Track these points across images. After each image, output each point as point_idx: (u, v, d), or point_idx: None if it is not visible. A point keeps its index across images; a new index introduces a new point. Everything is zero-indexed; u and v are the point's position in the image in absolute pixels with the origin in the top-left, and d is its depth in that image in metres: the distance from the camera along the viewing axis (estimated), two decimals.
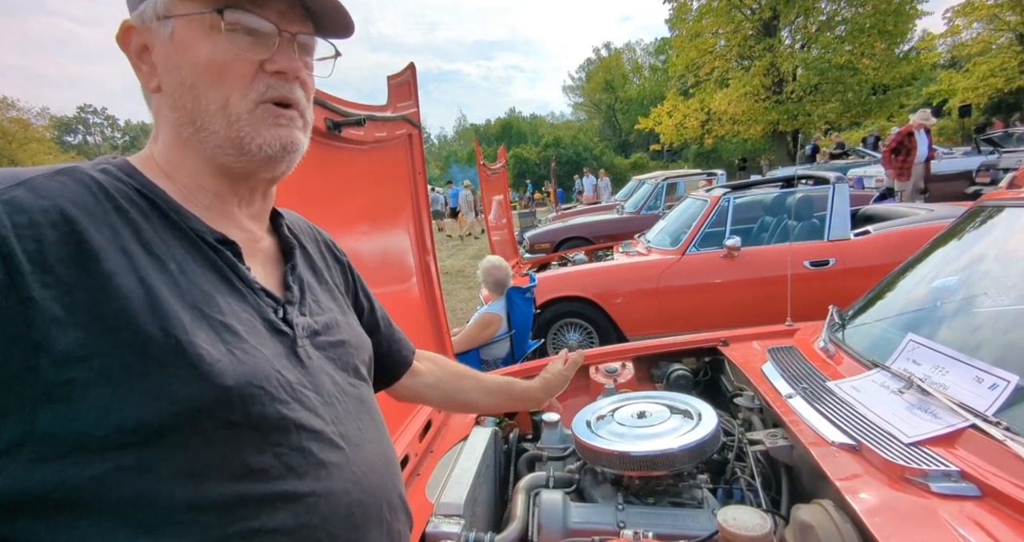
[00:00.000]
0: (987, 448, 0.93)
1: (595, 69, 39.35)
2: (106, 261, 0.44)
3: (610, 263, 4.45)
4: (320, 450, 0.53)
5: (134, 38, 0.56)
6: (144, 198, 0.51)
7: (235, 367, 0.48)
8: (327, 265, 0.74)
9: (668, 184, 8.00)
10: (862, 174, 9.47)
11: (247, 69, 0.54)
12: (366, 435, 0.61)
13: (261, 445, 0.49)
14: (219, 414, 0.46)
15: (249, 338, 0.51)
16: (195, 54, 0.53)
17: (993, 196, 1.52)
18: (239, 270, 0.55)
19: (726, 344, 1.93)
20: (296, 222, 0.73)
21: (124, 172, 0.52)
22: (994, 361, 1.07)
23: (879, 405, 1.17)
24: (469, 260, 9.96)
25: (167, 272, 0.48)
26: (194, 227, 0.53)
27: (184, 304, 0.48)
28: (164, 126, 0.57)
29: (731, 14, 18.85)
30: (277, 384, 0.51)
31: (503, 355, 3.07)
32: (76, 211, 0.44)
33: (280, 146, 0.56)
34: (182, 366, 0.45)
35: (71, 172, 0.48)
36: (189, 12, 0.53)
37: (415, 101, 1.84)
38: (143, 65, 0.56)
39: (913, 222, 3.70)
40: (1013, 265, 1.30)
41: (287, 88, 0.56)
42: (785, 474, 1.29)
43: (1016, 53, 17.73)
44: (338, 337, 0.64)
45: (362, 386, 0.66)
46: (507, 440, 1.75)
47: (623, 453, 1.26)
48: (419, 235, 1.92)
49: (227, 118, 0.54)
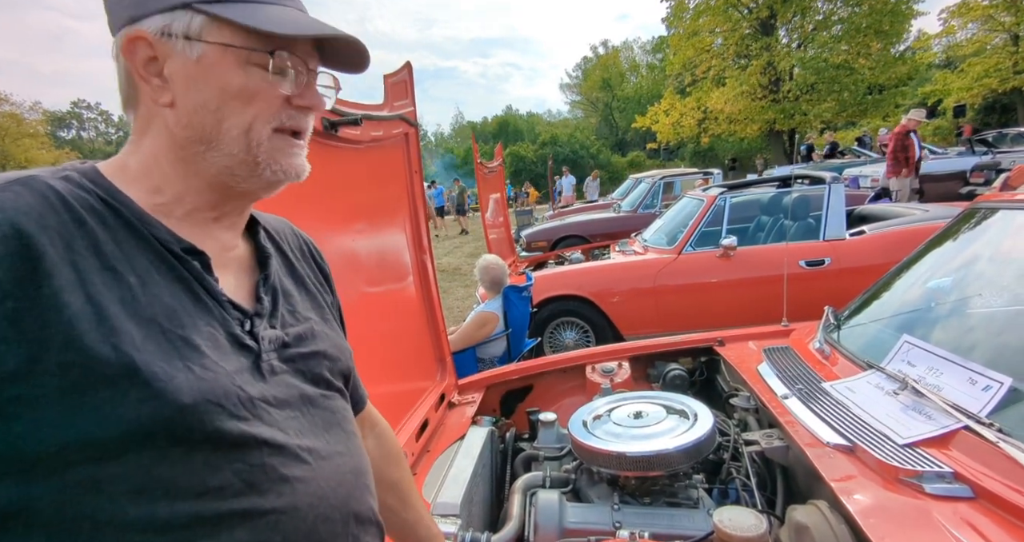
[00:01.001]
0: (980, 449, 0.94)
1: (592, 67, 39.32)
2: (57, 277, 0.43)
3: (607, 262, 4.46)
4: (283, 465, 0.52)
5: (141, 49, 0.54)
6: (107, 207, 0.50)
7: (192, 384, 0.47)
8: (310, 272, 0.73)
9: (665, 183, 8.02)
10: (858, 174, 9.51)
11: (275, 100, 0.56)
12: (335, 447, 0.60)
13: (218, 462, 0.48)
14: (175, 432, 0.45)
15: (210, 353, 0.50)
16: (226, 81, 0.54)
17: (987, 198, 1.53)
18: (206, 282, 0.54)
19: (722, 344, 1.93)
20: (278, 228, 0.72)
21: (88, 179, 0.51)
22: (988, 363, 1.08)
23: (874, 406, 1.18)
24: (466, 258, 9.96)
25: (124, 286, 0.47)
26: (159, 237, 0.52)
27: (140, 319, 0.47)
28: (160, 136, 0.55)
29: (728, 13, 18.86)
30: (237, 400, 0.50)
31: (499, 354, 3.08)
32: (28, 224, 0.43)
33: (295, 173, 0.59)
34: (134, 384, 0.44)
35: (27, 182, 0.46)
36: (233, 44, 0.54)
37: (411, 100, 1.84)
38: (150, 78, 0.55)
39: (908, 222, 3.72)
40: (1007, 267, 1.31)
41: (304, 120, 0.59)
42: (780, 474, 1.29)
43: (1010, 54, 17.84)
44: (311, 348, 0.63)
45: (335, 397, 0.65)
46: (504, 440, 1.75)
47: (619, 453, 1.26)
48: (415, 234, 1.92)
49: (247, 143, 0.55)
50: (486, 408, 1.95)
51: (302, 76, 0.58)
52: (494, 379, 2.02)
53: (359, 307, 1.44)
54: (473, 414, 1.76)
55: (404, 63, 1.85)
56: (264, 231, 0.68)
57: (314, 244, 0.78)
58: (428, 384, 1.82)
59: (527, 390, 2.08)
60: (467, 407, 1.83)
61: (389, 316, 1.70)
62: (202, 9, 0.53)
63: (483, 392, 1.93)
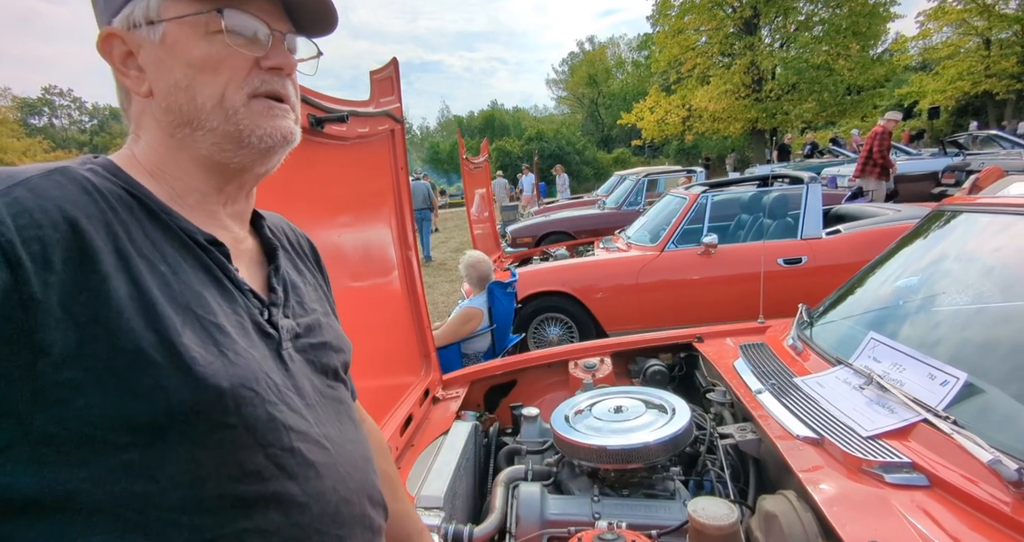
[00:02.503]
0: (936, 441, 1.00)
1: (578, 63, 39.36)
2: (104, 263, 0.44)
3: (591, 259, 4.51)
4: (308, 451, 0.54)
5: (116, 45, 0.55)
6: (133, 198, 0.51)
7: (228, 369, 0.48)
8: (310, 268, 0.75)
9: (649, 180, 8.10)
10: (836, 173, 9.71)
11: (243, 64, 0.55)
12: (347, 435, 0.62)
13: (254, 447, 0.49)
14: (214, 416, 0.47)
15: (240, 340, 0.52)
16: (189, 54, 0.53)
17: (952, 201, 1.59)
18: (229, 271, 0.55)
19: (701, 341, 1.99)
20: (278, 224, 0.73)
21: (110, 172, 0.52)
22: (947, 358, 1.14)
23: (841, 400, 1.23)
24: (451, 253, 9.95)
25: (158, 274, 0.48)
26: (184, 227, 0.53)
27: (177, 305, 0.48)
28: (152, 128, 0.56)
29: (713, 11, 19.05)
30: (266, 386, 0.52)
31: (484, 349, 3.10)
32: (75, 212, 0.44)
33: (280, 136, 0.57)
34: (176, 368, 0.45)
35: (64, 172, 0.47)
36: (184, 14, 0.53)
37: (398, 96, 1.84)
38: (129, 71, 0.55)
39: (881, 222, 3.83)
40: (968, 267, 1.37)
41: (280, 83, 0.58)
42: (753, 466, 1.35)
43: (982, 57, 18.35)
44: (319, 339, 0.64)
45: (340, 388, 0.67)
46: (487, 434, 1.78)
47: (600, 447, 1.30)
48: (401, 230, 1.93)
49: (224, 112, 0.54)
50: (470, 403, 1.97)
51: (267, 37, 0.57)
52: (478, 374, 2.05)
53: (345, 302, 1.44)
54: (457, 409, 1.78)
55: (390, 59, 1.85)
56: (268, 226, 0.69)
57: (309, 239, 0.79)
58: (413, 379, 1.84)
59: (511, 385, 2.11)
60: (451, 402, 1.85)
61: (374, 311, 1.71)
62: None
63: (467, 387, 1.96)
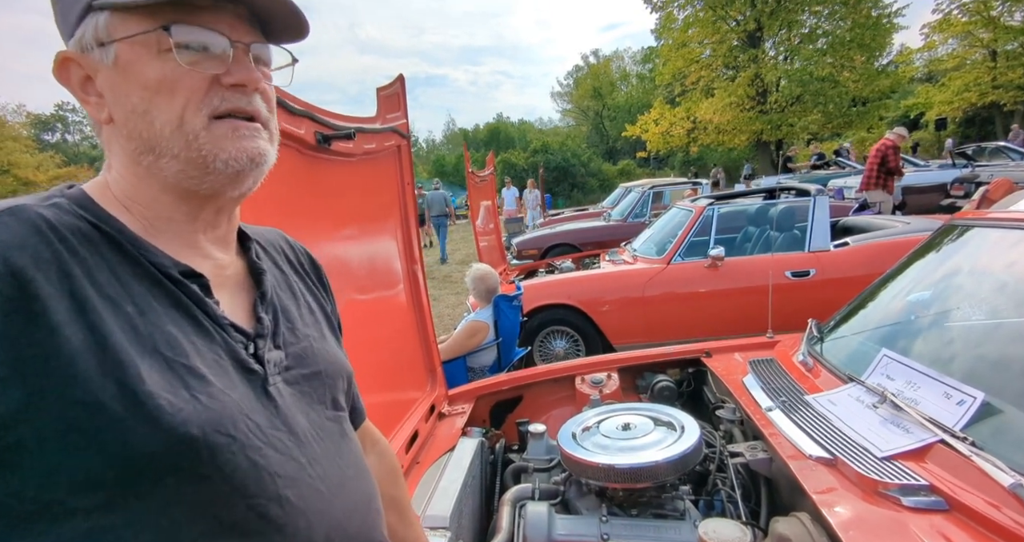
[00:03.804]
0: (954, 463, 0.97)
1: (583, 76, 39.71)
2: (53, 311, 0.41)
3: (596, 271, 4.49)
4: (298, 497, 0.50)
5: (73, 70, 0.52)
6: (100, 233, 0.48)
7: (200, 414, 0.45)
8: (309, 285, 0.71)
9: (655, 192, 8.12)
10: (843, 185, 9.67)
11: (200, 83, 0.50)
12: (346, 473, 0.58)
13: (234, 498, 0.46)
14: (185, 467, 0.43)
15: (216, 381, 0.48)
16: (144, 77, 0.49)
17: (963, 215, 1.58)
18: (206, 306, 0.52)
19: (709, 356, 1.96)
20: (272, 240, 0.69)
21: (78, 204, 0.48)
22: (963, 377, 1.11)
23: (854, 419, 1.21)
24: (457, 266, 9.96)
25: (123, 315, 0.45)
26: (155, 261, 0.50)
27: (141, 349, 0.44)
28: (120, 156, 0.53)
29: (716, 25, 19.21)
30: (247, 429, 0.48)
31: (490, 363, 3.09)
32: (21, 257, 0.41)
33: (247, 158, 0.52)
34: (140, 419, 0.42)
35: (17, 211, 0.44)
36: (133, 33, 0.49)
37: (404, 112, 1.86)
38: (90, 97, 0.52)
39: (890, 235, 3.80)
40: (981, 283, 1.35)
41: (245, 100, 0.53)
42: (764, 486, 1.32)
43: (989, 69, 18.32)
44: (312, 368, 0.60)
45: (340, 418, 0.63)
46: (493, 451, 1.76)
47: (607, 466, 1.28)
48: (407, 244, 1.93)
49: (184, 138, 0.50)
50: (476, 418, 1.96)
51: (227, 50, 0.52)
52: (484, 390, 2.03)
53: (351, 317, 1.43)
54: (463, 425, 1.77)
55: (396, 75, 1.87)
56: (258, 246, 0.65)
57: (309, 253, 0.76)
58: (418, 395, 1.83)
59: (517, 400, 2.09)
60: (457, 418, 1.83)
61: (380, 326, 1.70)
62: (100, 4, 0.49)
63: (473, 403, 1.94)
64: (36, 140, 30.63)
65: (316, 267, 0.75)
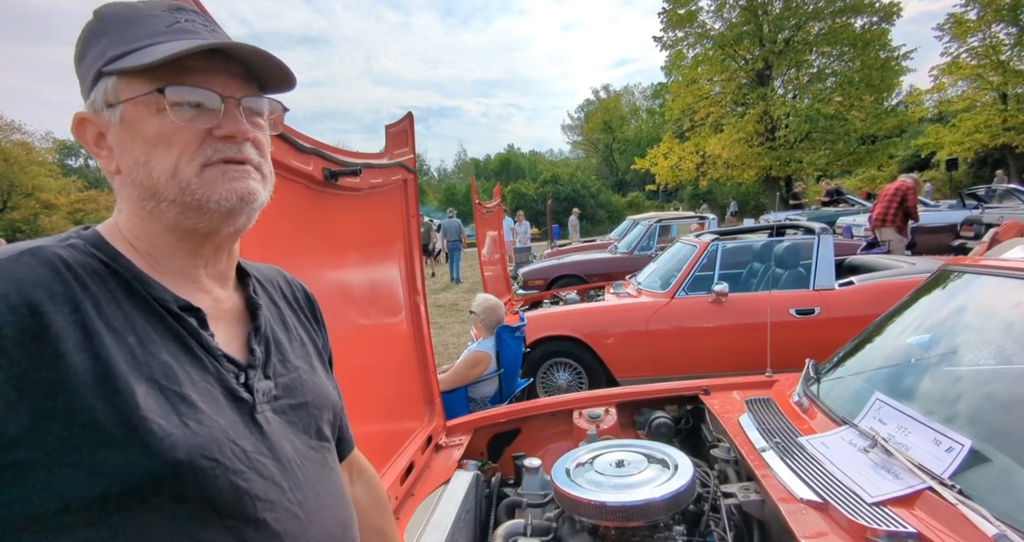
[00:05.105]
0: (941, 511, 0.97)
1: (594, 110, 40.59)
2: (64, 342, 0.46)
3: (601, 304, 4.51)
4: (276, 521, 0.53)
5: (88, 128, 0.59)
6: (109, 270, 0.53)
7: (187, 439, 0.48)
8: (302, 319, 0.75)
9: (661, 226, 8.19)
10: (851, 223, 9.68)
11: (193, 136, 0.56)
12: (325, 500, 0.61)
13: (212, 519, 0.49)
14: (170, 488, 0.47)
15: (205, 408, 0.52)
16: (144, 132, 0.55)
17: (956, 262, 1.60)
18: (201, 338, 0.56)
19: (707, 393, 1.96)
20: (270, 277, 0.74)
21: (92, 244, 0.54)
22: (952, 422, 1.12)
23: (846, 463, 1.21)
24: (463, 294, 10.01)
25: (125, 346, 0.49)
26: (157, 296, 0.55)
27: (140, 377, 0.48)
28: (127, 201, 0.59)
29: (725, 63, 19.68)
30: (231, 454, 0.52)
31: (491, 394, 3.08)
32: (38, 293, 0.46)
33: (237, 198, 0.57)
34: (132, 442, 0.45)
35: (37, 252, 0.49)
36: (135, 95, 0.55)
37: (411, 148, 1.93)
38: (102, 151, 0.59)
39: (895, 275, 3.80)
40: (971, 329, 1.36)
41: (235, 149, 0.58)
42: (757, 528, 1.31)
43: (999, 111, 18.41)
44: (300, 399, 0.64)
45: (324, 448, 0.66)
46: (489, 484, 1.75)
47: (600, 503, 1.28)
48: (409, 274, 1.98)
49: (178, 185, 0.55)
50: (474, 450, 1.96)
51: (219, 106, 0.57)
52: (482, 421, 2.03)
53: (351, 347, 1.47)
54: (460, 457, 1.77)
55: (405, 114, 1.96)
56: (256, 282, 0.70)
57: (306, 289, 0.80)
58: (416, 425, 1.84)
59: (515, 433, 2.09)
60: (454, 450, 1.84)
61: (380, 356, 1.73)
62: (108, 70, 0.55)
63: (471, 434, 1.95)
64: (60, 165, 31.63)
65: (311, 302, 0.79)
